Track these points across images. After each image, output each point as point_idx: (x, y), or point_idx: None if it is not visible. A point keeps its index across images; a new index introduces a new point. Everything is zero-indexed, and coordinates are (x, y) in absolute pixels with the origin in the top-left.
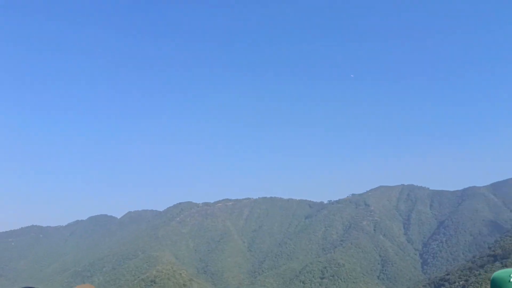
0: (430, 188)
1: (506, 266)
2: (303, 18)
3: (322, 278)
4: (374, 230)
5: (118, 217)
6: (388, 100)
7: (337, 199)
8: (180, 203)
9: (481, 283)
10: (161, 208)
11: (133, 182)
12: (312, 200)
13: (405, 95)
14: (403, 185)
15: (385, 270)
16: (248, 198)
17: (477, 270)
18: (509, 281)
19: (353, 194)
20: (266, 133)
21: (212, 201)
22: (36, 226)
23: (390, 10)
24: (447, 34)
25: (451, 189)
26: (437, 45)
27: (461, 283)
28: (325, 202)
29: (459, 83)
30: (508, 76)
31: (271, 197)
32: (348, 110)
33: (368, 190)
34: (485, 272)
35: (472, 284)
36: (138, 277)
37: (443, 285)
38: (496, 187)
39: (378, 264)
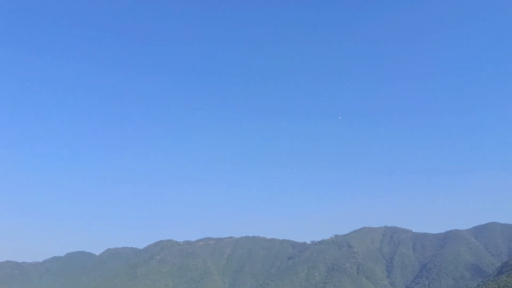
0: (412, 230)
1: None
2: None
3: None
4: (357, 272)
5: (97, 254)
6: (371, 141)
7: (320, 239)
8: (160, 241)
9: None
10: (141, 245)
11: (113, 219)
12: (295, 240)
13: (389, 137)
14: (386, 226)
15: None
16: (231, 237)
17: None
18: None
19: (336, 235)
20: (250, 171)
21: (193, 240)
22: (11, 261)
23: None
24: (427, 79)
25: (434, 232)
26: (419, 88)
27: None
28: (308, 242)
29: (441, 126)
30: (491, 121)
31: (253, 236)
32: (332, 151)
33: (351, 231)
34: None
35: None
36: None
37: None
38: (477, 231)
39: None
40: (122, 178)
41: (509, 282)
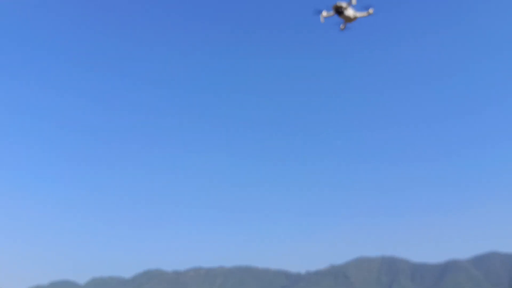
0: (411, 260)
1: None
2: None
3: None
4: None
5: (82, 283)
6: (368, 170)
7: (316, 269)
8: (148, 271)
9: None
10: (128, 274)
11: (99, 245)
12: (289, 270)
13: (387, 168)
14: (383, 256)
15: None
16: (222, 267)
17: None
18: None
19: (332, 265)
20: (242, 197)
21: (182, 269)
22: None
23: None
24: (422, 121)
25: (432, 261)
26: (417, 130)
27: None
28: (303, 272)
29: (441, 158)
30: (490, 152)
31: (246, 266)
32: (327, 178)
33: (348, 260)
34: None
35: None
36: None
37: None
38: (477, 260)
39: None
40: (107, 202)
41: None
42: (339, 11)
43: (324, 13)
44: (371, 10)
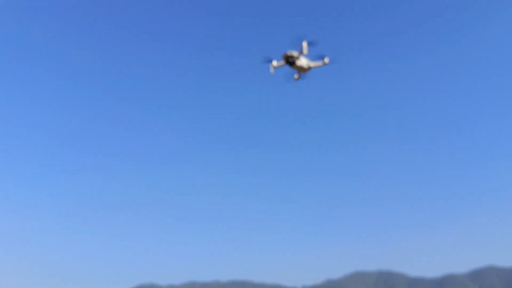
0: (407, 274)
1: None
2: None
3: None
4: None
5: None
6: (366, 182)
7: (312, 283)
8: (142, 285)
9: None
10: None
11: (92, 259)
12: (285, 284)
13: (383, 182)
14: (380, 271)
15: None
16: (217, 281)
17: None
18: None
19: (328, 279)
20: (238, 210)
21: (177, 283)
22: None
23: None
24: (418, 135)
25: (429, 275)
26: (414, 142)
27: None
28: (299, 287)
29: (437, 171)
30: (485, 165)
31: (241, 281)
32: (325, 191)
33: (344, 275)
34: None
35: None
36: None
37: None
38: (475, 275)
39: None
40: (100, 214)
41: None
42: (290, 61)
43: (274, 63)
44: (326, 60)
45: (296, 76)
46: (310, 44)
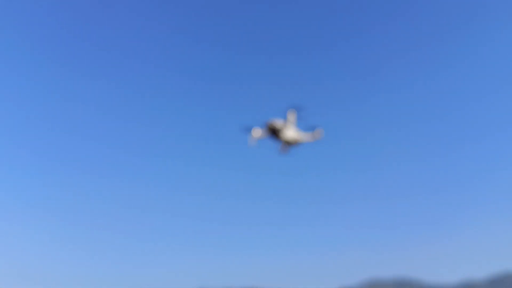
0: (424, 280)
1: None
2: None
3: None
4: None
5: None
6: (383, 185)
7: None
8: None
9: None
10: None
11: (97, 264)
12: None
13: (402, 184)
14: (396, 277)
15: None
16: None
17: None
18: None
19: (342, 287)
20: (249, 211)
21: None
22: None
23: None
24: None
25: (447, 281)
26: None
27: None
28: None
29: (459, 171)
30: (506, 167)
31: (251, 287)
32: (339, 194)
33: (359, 281)
34: None
35: None
36: None
37: None
38: (495, 281)
39: None
40: (105, 217)
41: None
42: (273, 132)
43: (256, 133)
44: (318, 133)
45: (282, 148)
46: (299, 111)
